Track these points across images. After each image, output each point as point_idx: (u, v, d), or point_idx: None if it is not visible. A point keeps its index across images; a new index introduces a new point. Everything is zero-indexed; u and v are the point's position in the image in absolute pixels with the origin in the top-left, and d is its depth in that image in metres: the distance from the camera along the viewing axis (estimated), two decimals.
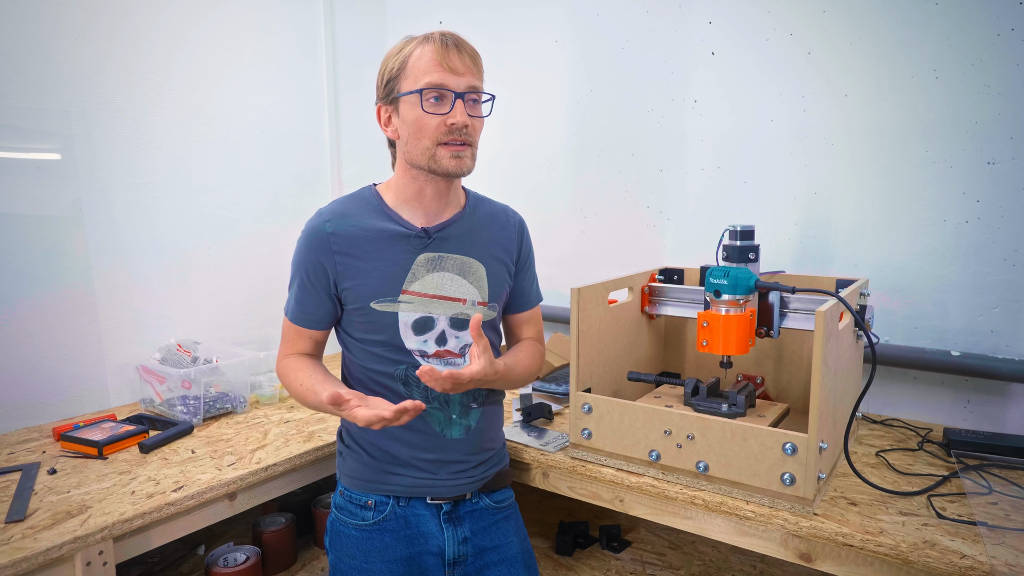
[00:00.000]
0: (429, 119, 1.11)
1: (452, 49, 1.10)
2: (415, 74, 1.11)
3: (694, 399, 1.31)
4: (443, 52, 1.10)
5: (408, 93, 1.11)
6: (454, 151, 1.12)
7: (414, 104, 1.11)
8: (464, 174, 1.16)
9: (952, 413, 1.55)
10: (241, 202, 2.06)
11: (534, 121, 2.15)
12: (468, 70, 1.12)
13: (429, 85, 1.09)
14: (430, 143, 1.12)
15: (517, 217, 1.34)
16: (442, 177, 1.16)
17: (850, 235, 1.64)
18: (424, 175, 1.17)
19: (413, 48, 1.12)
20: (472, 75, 1.13)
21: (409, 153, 1.15)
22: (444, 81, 1.09)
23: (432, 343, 1.20)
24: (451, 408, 1.22)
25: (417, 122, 1.11)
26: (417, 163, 1.15)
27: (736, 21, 1.74)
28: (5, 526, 1.12)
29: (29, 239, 1.61)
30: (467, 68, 1.12)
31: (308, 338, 1.24)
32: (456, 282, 1.21)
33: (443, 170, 1.13)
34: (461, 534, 1.24)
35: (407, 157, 1.16)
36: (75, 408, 1.71)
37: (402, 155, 1.18)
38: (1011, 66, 1.41)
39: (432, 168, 1.14)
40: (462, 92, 1.11)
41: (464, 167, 1.14)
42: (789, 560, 1.12)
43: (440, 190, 1.19)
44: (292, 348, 1.26)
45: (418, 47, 1.12)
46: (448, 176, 1.15)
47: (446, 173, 1.14)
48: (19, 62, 1.57)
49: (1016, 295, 1.46)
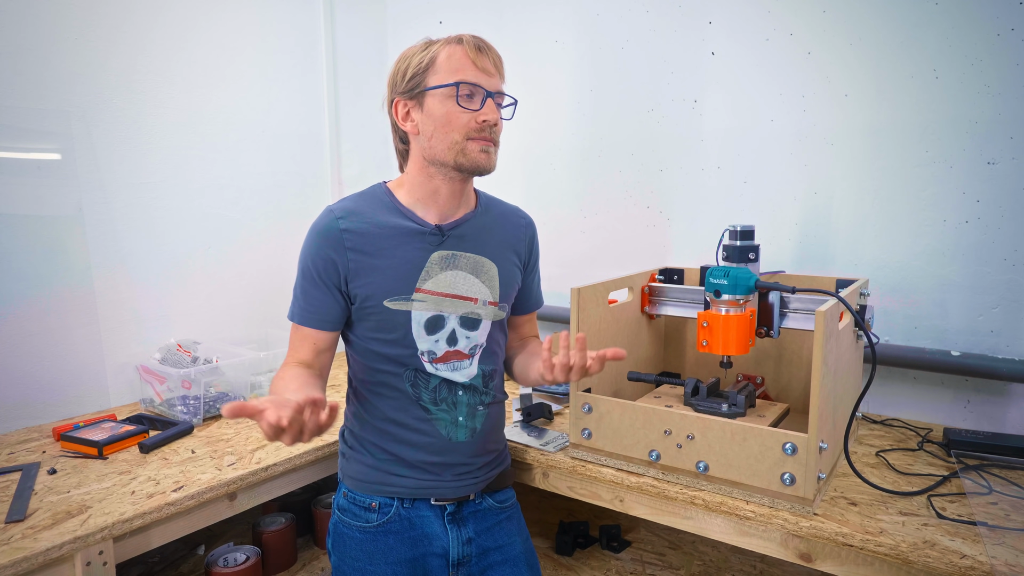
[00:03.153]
0: (461, 114, 1.12)
1: (484, 51, 1.14)
2: (447, 70, 1.12)
3: (694, 399, 1.31)
4: (476, 53, 1.13)
5: (440, 87, 1.12)
6: (483, 145, 1.14)
7: (445, 98, 1.12)
8: (490, 170, 1.16)
9: (952, 413, 1.55)
10: (241, 202, 2.06)
11: (534, 121, 2.15)
12: (497, 72, 1.16)
13: (464, 81, 1.11)
14: (460, 137, 1.12)
15: (528, 219, 1.35)
16: (465, 173, 1.16)
17: (850, 235, 1.64)
18: (442, 173, 1.16)
19: (442, 47, 1.14)
20: (499, 78, 1.17)
21: (433, 148, 1.15)
22: (478, 79, 1.12)
23: (443, 343, 1.19)
24: (458, 411, 1.21)
25: (447, 116, 1.12)
26: (440, 158, 1.14)
27: (736, 21, 1.74)
28: (5, 526, 1.12)
29: (29, 239, 1.61)
30: (496, 70, 1.16)
31: (312, 344, 1.19)
32: (469, 281, 1.21)
33: (472, 163, 1.14)
34: (465, 535, 1.24)
35: (428, 153, 1.16)
36: (75, 408, 1.71)
37: (420, 151, 1.17)
38: (1011, 66, 1.41)
39: (459, 162, 1.14)
40: (492, 92, 1.14)
41: (491, 163, 1.16)
42: (789, 560, 1.12)
43: (455, 190, 1.19)
44: (293, 356, 1.20)
45: (447, 46, 1.13)
46: (475, 170, 1.15)
47: (474, 166, 1.14)
48: (19, 62, 1.57)
49: (1016, 295, 1.46)
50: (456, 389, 1.21)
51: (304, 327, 1.19)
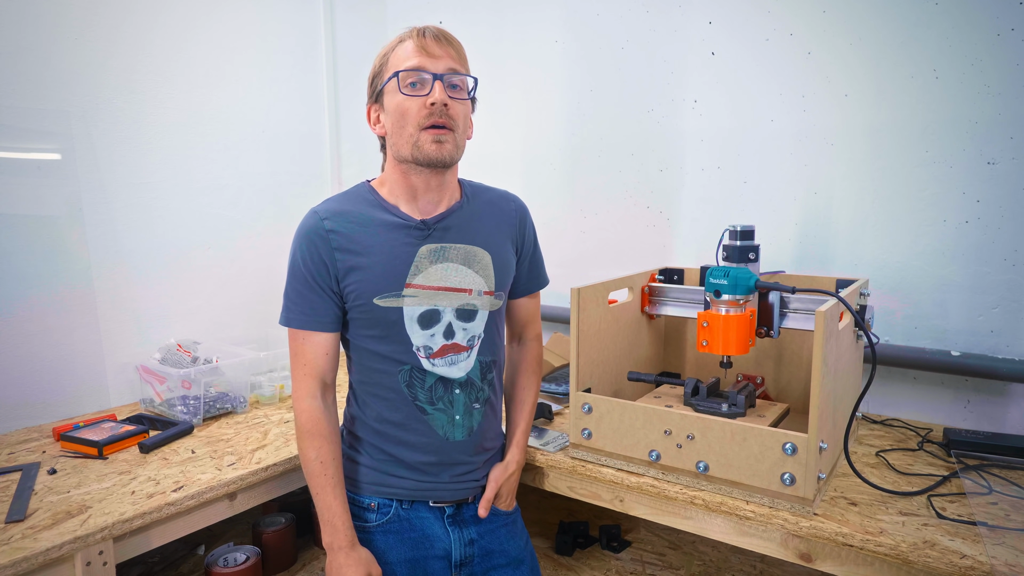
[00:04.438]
0: (409, 103, 1.11)
1: (429, 37, 1.12)
2: (394, 64, 1.13)
3: (694, 399, 1.31)
4: (420, 40, 1.12)
5: (388, 80, 1.13)
6: (435, 135, 1.11)
7: (394, 91, 1.12)
8: (447, 162, 1.13)
9: (952, 413, 1.55)
10: (241, 202, 2.06)
11: (534, 121, 2.15)
12: (447, 54, 1.13)
13: (407, 68, 1.11)
14: (413, 129, 1.11)
15: (518, 201, 1.32)
16: (426, 167, 1.14)
17: (850, 235, 1.64)
18: (413, 169, 1.15)
19: (394, 45, 1.15)
20: (451, 59, 1.13)
21: (395, 146, 1.15)
22: (421, 64, 1.11)
23: (440, 336, 1.18)
24: (455, 409, 1.21)
25: (398, 108, 1.12)
26: (403, 155, 1.14)
27: (736, 21, 1.74)
28: (5, 526, 1.12)
29: (29, 239, 1.61)
30: (445, 52, 1.13)
31: (319, 349, 1.17)
32: (461, 272, 1.20)
33: (425, 156, 1.11)
34: (467, 536, 1.24)
35: (394, 151, 1.16)
36: (75, 408, 1.71)
37: (390, 151, 1.18)
38: (1011, 66, 1.41)
39: (416, 156, 1.12)
40: (441, 73, 1.11)
41: (444, 152, 1.12)
42: (789, 560, 1.12)
43: (431, 184, 1.17)
44: (305, 372, 1.17)
45: (399, 43, 1.14)
46: (431, 164, 1.13)
47: (428, 159, 1.12)
48: (19, 62, 1.57)
49: (1016, 295, 1.46)
50: (452, 387, 1.21)
51: (303, 331, 1.17)
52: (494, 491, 1.26)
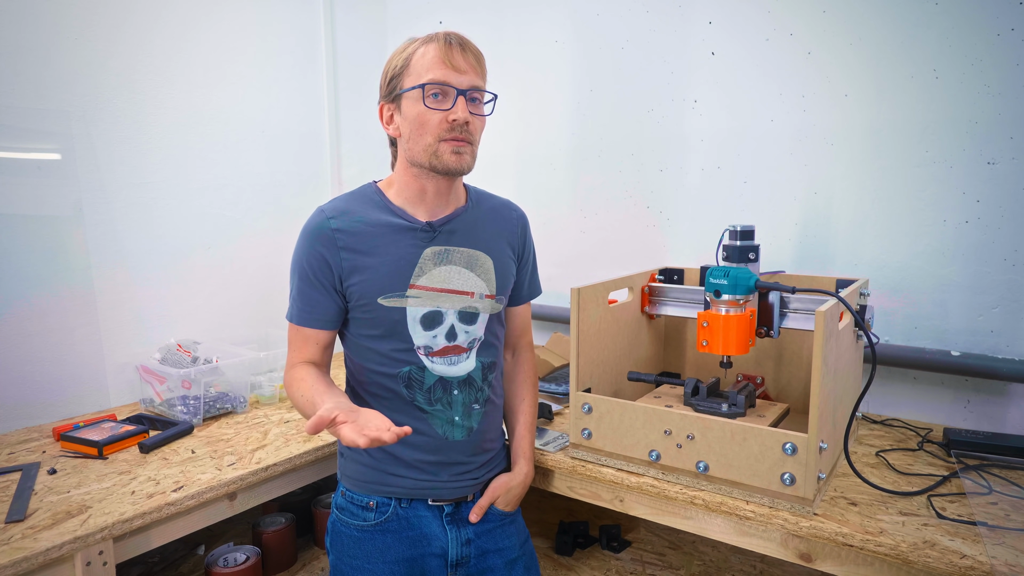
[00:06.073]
0: (431, 115, 1.11)
1: (456, 48, 1.11)
2: (418, 71, 1.11)
3: (694, 399, 1.31)
4: (447, 50, 1.10)
5: (410, 89, 1.12)
6: (455, 146, 1.12)
7: (416, 100, 1.12)
8: (464, 171, 1.16)
9: (952, 413, 1.55)
10: (241, 202, 2.06)
11: (534, 121, 2.15)
12: (471, 68, 1.13)
13: (432, 81, 1.10)
14: (432, 139, 1.12)
15: (519, 211, 1.34)
16: (443, 174, 1.15)
17: (850, 235, 1.64)
18: (425, 173, 1.16)
19: (417, 47, 1.13)
20: (475, 74, 1.13)
21: (411, 150, 1.15)
22: (447, 78, 1.10)
23: (442, 338, 1.19)
24: (454, 410, 1.21)
25: (419, 118, 1.12)
26: (418, 160, 1.15)
27: (736, 21, 1.74)
28: (5, 526, 1.12)
29: (29, 239, 1.61)
30: (470, 67, 1.13)
31: (315, 343, 1.20)
32: (463, 275, 1.21)
33: (444, 166, 1.13)
34: (465, 535, 1.24)
35: (408, 155, 1.16)
36: (75, 408, 1.71)
37: (403, 153, 1.18)
38: (1011, 66, 1.41)
39: (433, 164, 1.13)
40: (464, 89, 1.11)
41: (464, 164, 1.14)
42: (789, 560, 1.12)
43: (441, 188, 1.19)
44: (299, 356, 1.21)
45: (422, 46, 1.12)
46: (449, 173, 1.14)
47: (446, 169, 1.13)
48: (19, 62, 1.57)
49: (1016, 295, 1.46)
50: (451, 388, 1.21)
51: (304, 328, 1.20)
52: (489, 501, 1.26)
